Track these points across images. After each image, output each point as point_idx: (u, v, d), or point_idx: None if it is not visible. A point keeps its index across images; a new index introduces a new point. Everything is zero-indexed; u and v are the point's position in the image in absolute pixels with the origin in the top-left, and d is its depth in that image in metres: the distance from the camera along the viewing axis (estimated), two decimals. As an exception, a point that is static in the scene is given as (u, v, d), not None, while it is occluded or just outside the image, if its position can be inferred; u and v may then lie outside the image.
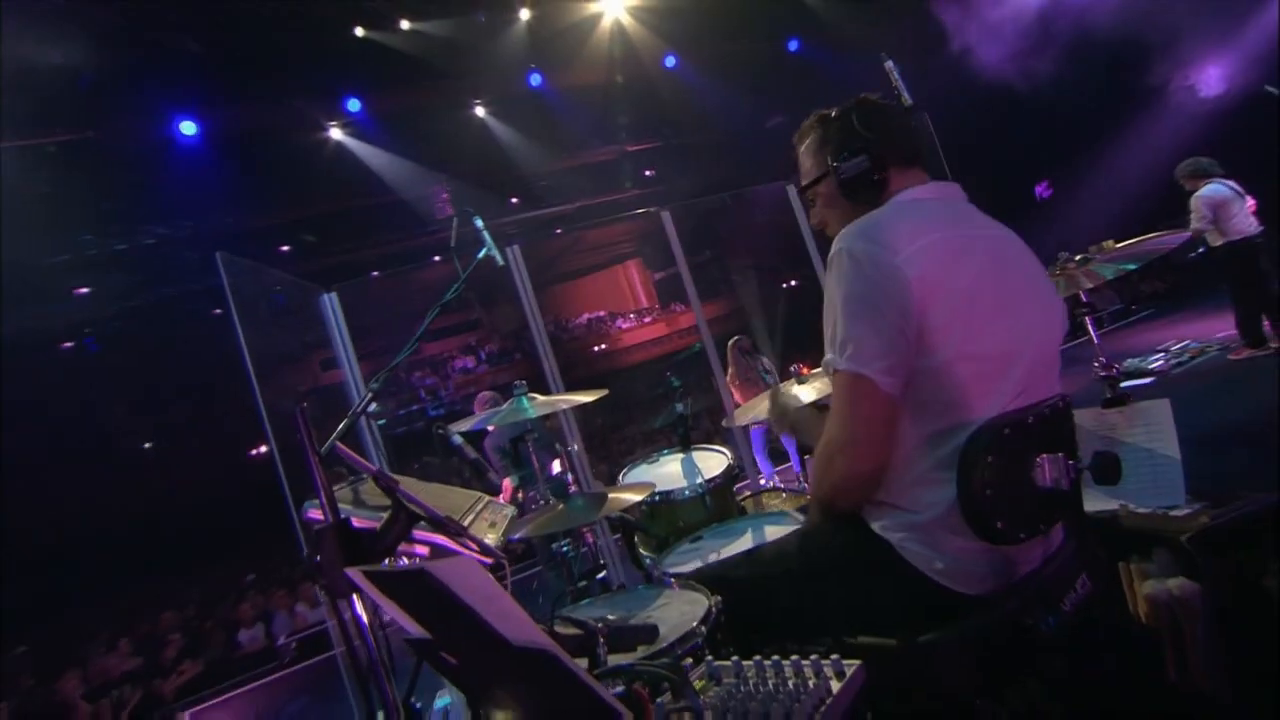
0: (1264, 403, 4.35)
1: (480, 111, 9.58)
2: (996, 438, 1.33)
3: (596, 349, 12.59)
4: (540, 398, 2.29)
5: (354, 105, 8.72)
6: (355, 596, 1.14)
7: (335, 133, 9.11)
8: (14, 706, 7.46)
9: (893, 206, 1.48)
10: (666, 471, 2.48)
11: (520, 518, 2.15)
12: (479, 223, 2.23)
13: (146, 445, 14.91)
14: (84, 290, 11.15)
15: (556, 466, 3.76)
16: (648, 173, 10.50)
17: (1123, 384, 2.51)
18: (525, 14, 8.28)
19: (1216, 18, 8.08)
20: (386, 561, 1.37)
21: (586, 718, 0.79)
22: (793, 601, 1.51)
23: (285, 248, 9.97)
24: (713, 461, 2.52)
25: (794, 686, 1.15)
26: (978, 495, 1.31)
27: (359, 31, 8.05)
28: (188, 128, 8.36)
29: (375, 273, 8.62)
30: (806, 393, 2.26)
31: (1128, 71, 8.63)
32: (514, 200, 10.04)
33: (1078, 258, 2.33)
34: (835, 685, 1.14)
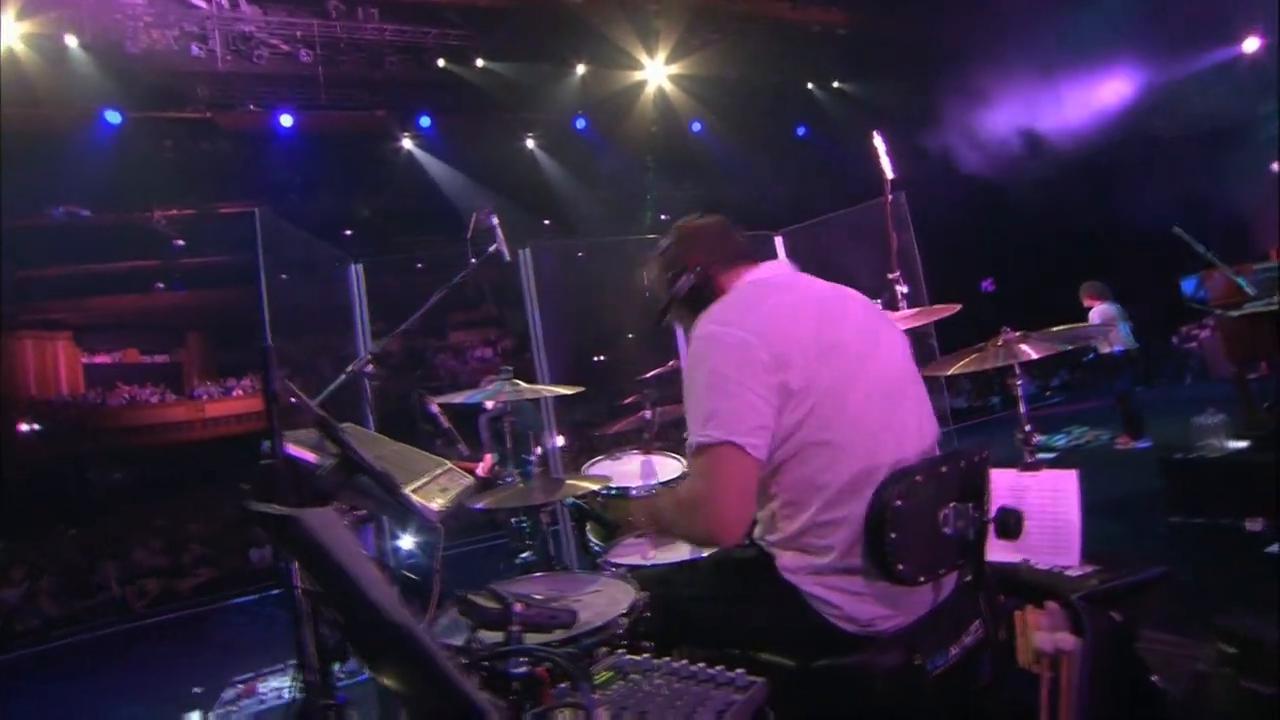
0: (1142, 486, 4.29)
1: (530, 144, 9.57)
2: (909, 484, 1.19)
3: (596, 358, 12.50)
4: (523, 384, 2.13)
5: (425, 122, 8.71)
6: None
7: (407, 142, 9.10)
8: (59, 581, 7.32)
9: (731, 293, 1.38)
10: (626, 469, 2.32)
11: (487, 491, 1.98)
12: (494, 220, 2.09)
13: (209, 384, 14.69)
14: (180, 242, 11.08)
15: (538, 451, 3.59)
16: (663, 217, 10.45)
17: (1035, 455, 2.39)
18: (581, 69, 8.29)
19: (1157, 163, 8.10)
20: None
21: (448, 707, 0.61)
22: (711, 612, 1.37)
23: (348, 231, 9.87)
24: (670, 467, 2.35)
25: (697, 693, 0.98)
26: (882, 538, 1.17)
27: (441, 62, 8.07)
28: (286, 120, 8.36)
29: (420, 264, 8.51)
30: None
31: (1075, 195, 8.64)
32: (546, 222, 9.97)
33: (1018, 333, 2.20)
34: (737, 697, 0.98)
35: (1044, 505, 2.20)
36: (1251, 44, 7.74)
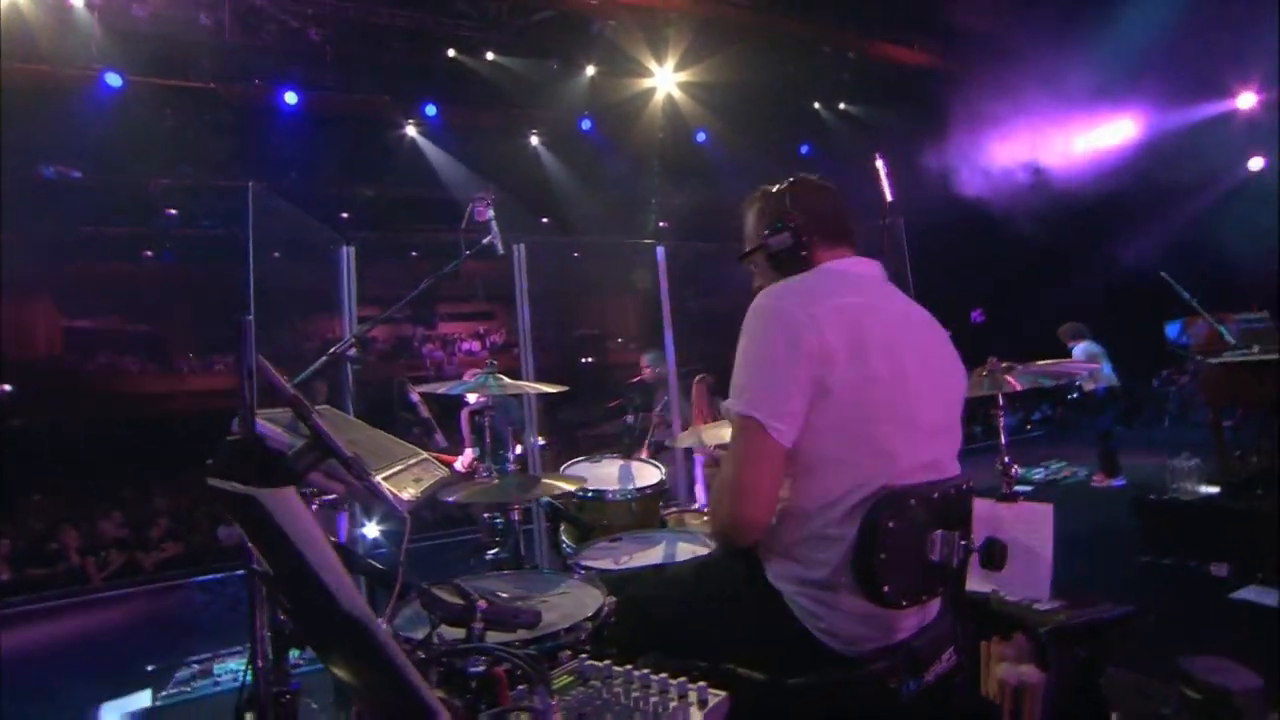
0: (1116, 524, 4.35)
1: (534, 140, 9.53)
2: (901, 506, 1.17)
3: (584, 360, 12.45)
4: (506, 379, 2.10)
5: (431, 110, 8.65)
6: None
7: (410, 130, 9.03)
8: (17, 545, 7.16)
9: (813, 273, 1.35)
10: (604, 472, 2.30)
11: (462, 484, 1.95)
12: (490, 213, 2.07)
13: (190, 355, 14.47)
14: (173, 211, 10.92)
15: (518, 449, 3.56)
16: (662, 224, 10.45)
17: (1012, 486, 2.41)
18: (590, 70, 8.28)
19: (1151, 209, 8.24)
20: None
21: (399, 703, 0.59)
22: (680, 622, 1.33)
23: (345, 214, 9.78)
24: (648, 473, 2.34)
25: (655, 705, 0.96)
26: (872, 558, 1.15)
27: (451, 52, 8.03)
28: (290, 98, 8.29)
29: (414, 252, 8.44)
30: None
31: (1069, 233, 8.75)
32: (545, 220, 9.93)
33: (1004, 364, 2.21)
34: (696, 713, 0.96)
35: (1018, 537, 2.21)
36: (1247, 100, 7.92)
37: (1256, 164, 8.20)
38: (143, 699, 3.28)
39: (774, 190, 1.46)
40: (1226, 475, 4.03)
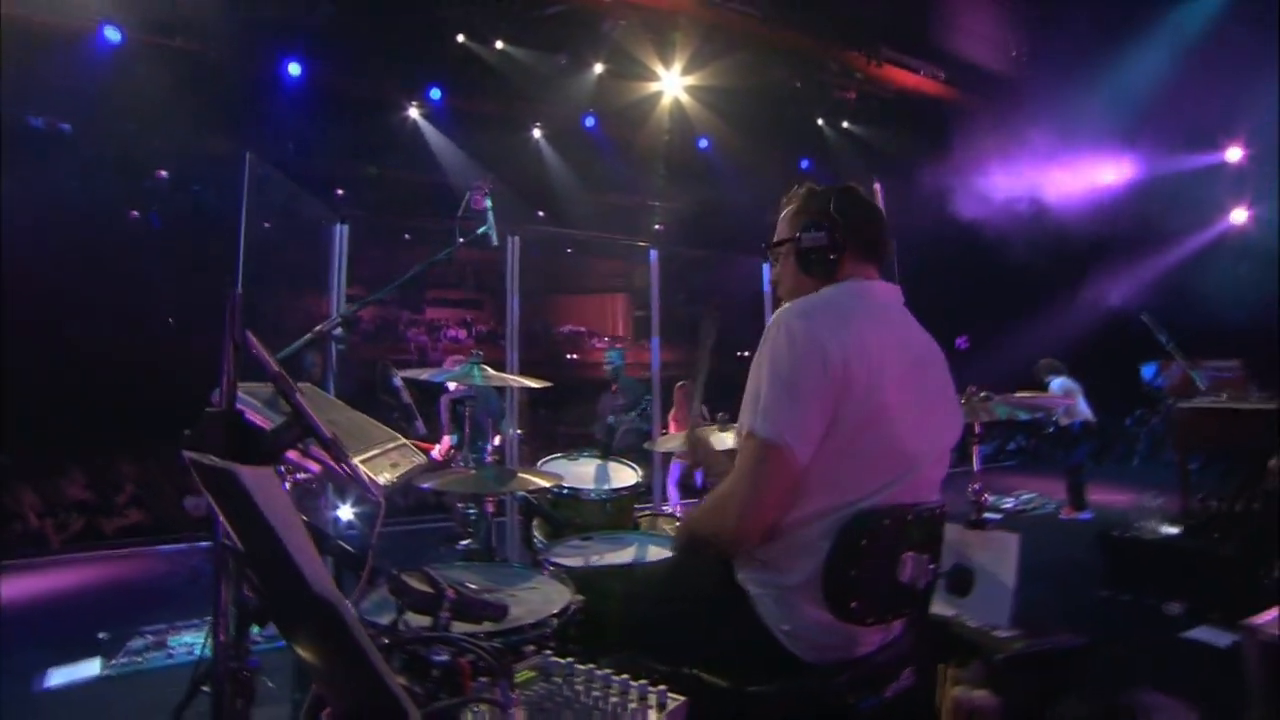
0: (1079, 557, 4.44)
1: (537, 133, 9.51)
2: (877, 526, 1.20)
3: (569, 356, 12.41)
4: (491, 371, 2.10)
5: (435, 94, 8.60)
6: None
7: (413, 111, 8.97)
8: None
9: (837, 290, 1.34)
10: (581, 470, 2.30)
11: (438, 472, 1.94)
12: (488, 203, 2.06)
13: (170, 319, 14.21)
14: (164, 174, 10.72)
15: (497, 440, 3.55)
16: (658, 226, 10.46)
17: (982, 514, 2.45)
18: (599, 68, 8.28)
19: (1138, 251, 8.42)
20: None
21: (364, 693, 0.59)
22: (645, 623, 1.34)
23: (340, 191, 9.67)
24: (624, 474, 2.35)
25: (614, 705, 0.97)
26: (843, 573, 1.18)
27: (460, 38, 7.99)
28: (294, 69, 8.19)
29: (407, 235, 8.37)
30: (725, 440, 2.11)
31: (1058, 268, 8.90)
32: (540, 213, 9.89)
33: (983, 394, 2.25)
34: (655, 716, 0.97)
35: (984, 564, 2.25)
36: (1234, 153, 8.15)
37: (1239, 216, 8.42)
38: (91, 667, 3.22)
39: (820, 189, 1.45)
40: (1188, 517, 4.13)
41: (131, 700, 2.95)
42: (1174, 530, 3.98)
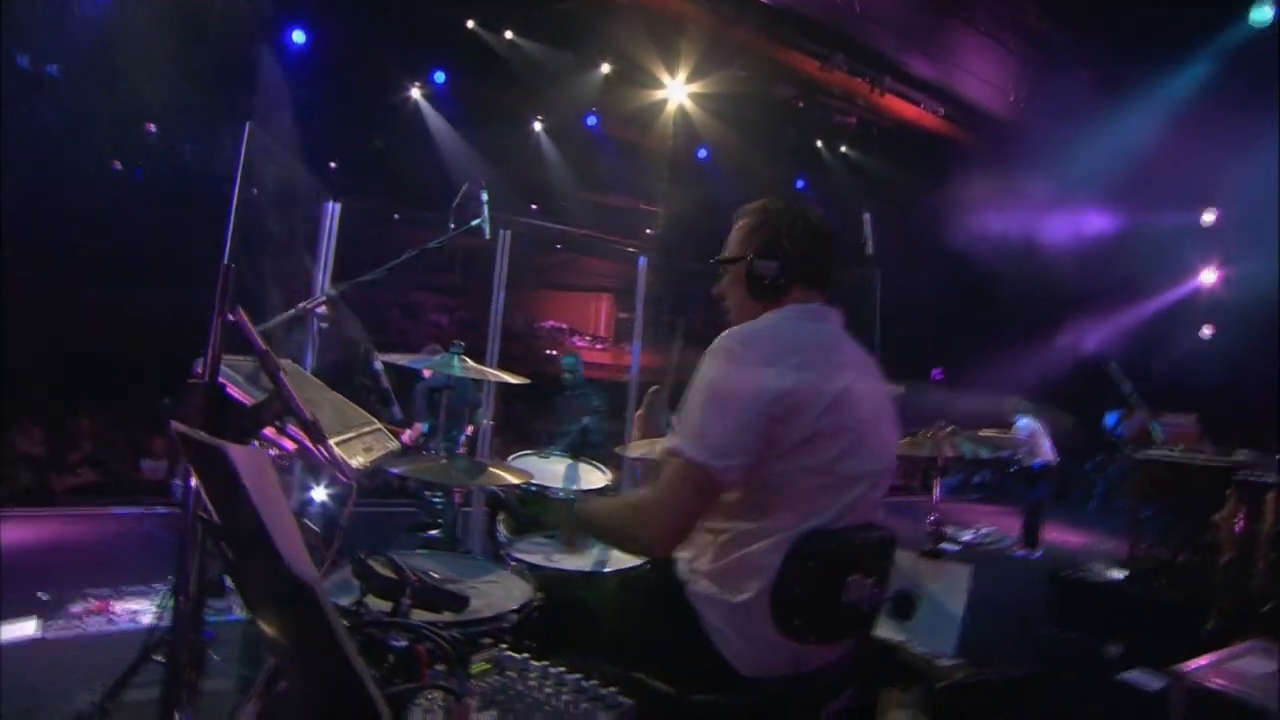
0: (1028, 593, 4.56)
1: (537, 126, 9.51)
2: (823, 548, 1.24)
3: (549, 352, 12.38)
4: (470, 362, 2.12)
5: (439, 77, 8.56)
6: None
7: (415, 93, 8.90)
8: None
9: (781, 315, 1.38)
10: (551, 469, 2.33)
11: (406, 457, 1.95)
12: (484, 196, 2.09)
13: (147, 276, 13.85)
14: (153, 128, 10.46)
15: (470, 430, 3.55)
16: (648, 231, 10.50)
17: (939, 544, 2.53)
18: (605, 68, 8.32)
19: (1113, 301, 8.68)
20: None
21: (333, 678, 0.61)
22: (604, 625, 1.38)
23: (333, 164, 9.56)
24: (594, 476, 2.37)
25: (566, 703, 1.00)
26: (790, 592, 1.22)
27: (470, 24, 7.96)
28: (298, 36, 8.09)
29: (396, 215, 8.29)
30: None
31: (1037, 310, 9.12)
32: (534, 206, 9.89)
33: (950, 428, 2.33)
34: (603, 715, 1.00)
35: (934, 593, 2.32)
36: (1209, 216, 8.49)
37: (1209, 277, 8.74)
38: (27, 627, 3.13)
39: (774, 210, 1.47)
40: (1135, 563, 4.28)
41: (69, 665, 2.88)
42: (1120, 575, 4.13)
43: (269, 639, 0.71)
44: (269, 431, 1.07)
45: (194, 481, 0.93)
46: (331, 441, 1.12)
